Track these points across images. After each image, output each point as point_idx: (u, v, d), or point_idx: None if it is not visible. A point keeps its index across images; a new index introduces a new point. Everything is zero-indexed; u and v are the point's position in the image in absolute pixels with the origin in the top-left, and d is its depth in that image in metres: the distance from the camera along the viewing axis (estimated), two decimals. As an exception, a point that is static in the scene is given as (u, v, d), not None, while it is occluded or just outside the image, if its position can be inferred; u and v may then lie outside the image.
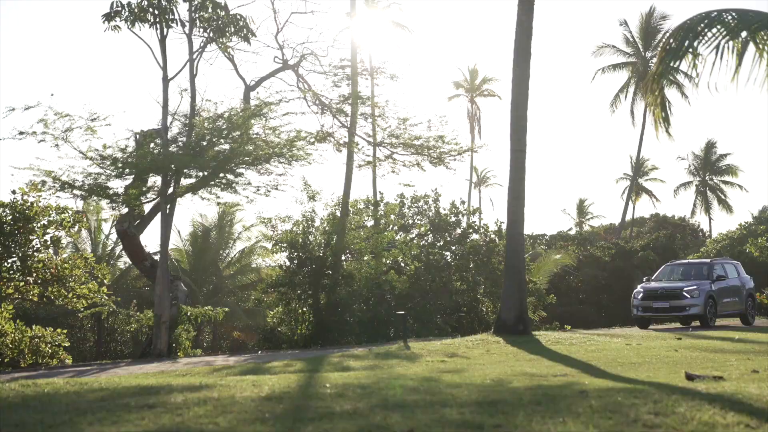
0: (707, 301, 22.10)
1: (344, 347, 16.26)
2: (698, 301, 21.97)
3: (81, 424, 5.98)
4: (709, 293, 22.32)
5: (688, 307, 21.95)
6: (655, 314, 22.72)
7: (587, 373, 10.29)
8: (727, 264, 24.74)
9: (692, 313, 22.12)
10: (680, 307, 22.06)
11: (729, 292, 23.28)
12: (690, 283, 22.55)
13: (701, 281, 22.72)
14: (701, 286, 22.34)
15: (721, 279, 23.03)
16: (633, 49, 52.36)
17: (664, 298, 22.29)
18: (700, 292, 22.11)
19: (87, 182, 16.79)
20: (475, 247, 28.44)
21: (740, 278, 24.39)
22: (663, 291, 22.55)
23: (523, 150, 16.36)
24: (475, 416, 6.19)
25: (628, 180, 61.39)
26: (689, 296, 22.04)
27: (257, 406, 6.83)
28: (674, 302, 22.10)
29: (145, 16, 16.40)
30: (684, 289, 22.22)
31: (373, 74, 23.25)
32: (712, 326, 21.81)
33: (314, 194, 21.14)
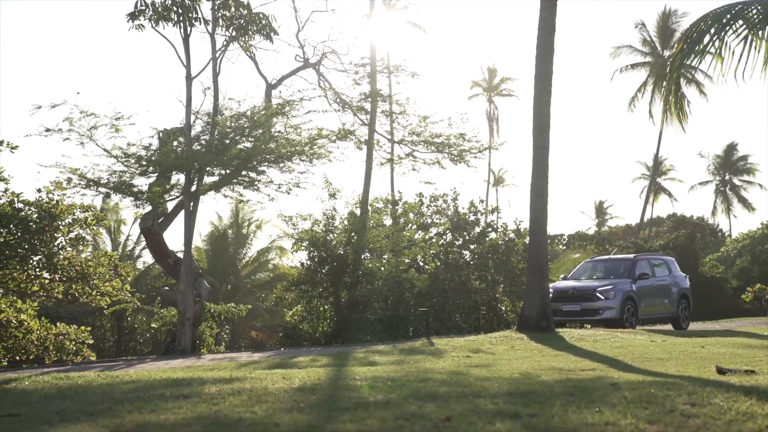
0: (624, 303, 19.21)
1: (366, 344, 16.29)
2: (613, 303, 19.12)
3: (120, 412, 6.05)
4: (628, 294, 19.38)
5: (602, 309, 19.13)
6: (564, 318, 19.61)
7: (615, 367, 10.28)
8: (656, 260, 21.76)
9: (606, 317, 19.17)
10: (592, 309, 19.26)
11: (655, 293, 20.33)
12: (605, 283, 19.73)
13: (620, 280, 19.89)
14: (618, 286, 19.49)
15: (644, 278, 20.09)
16: (650, 49, 52.14)
17: (575, 299, 19.49)
18: (616, 293, 19.26)
19: (112, 180, 16.90)
20: (494, 246, 28.42)
21: (672, 277, 21.44)
22: (574, 291, 19.66)
23: (546, 147, 16.33)
24: (510, 406, 6.22)
25: (646, 180, 61.16)
26: (603, 297, 19.21)
27: (291, 396, 6.89)
28: (586, 304, 19.29)
29: (169, 14, 16.49)
30: (597, 289, 19.38)
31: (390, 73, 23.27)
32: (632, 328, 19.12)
33: (335, 192, 21.21)
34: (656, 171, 58.08)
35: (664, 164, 61.02)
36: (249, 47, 18.60)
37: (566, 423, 5.52)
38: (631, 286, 19.63)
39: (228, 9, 17.23)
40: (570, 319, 19.78)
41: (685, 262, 41.69)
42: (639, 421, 5.53)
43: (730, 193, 63.01)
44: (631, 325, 19.24)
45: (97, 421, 5.61)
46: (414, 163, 21.43)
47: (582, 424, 5.44)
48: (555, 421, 5.57)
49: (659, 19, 51.53)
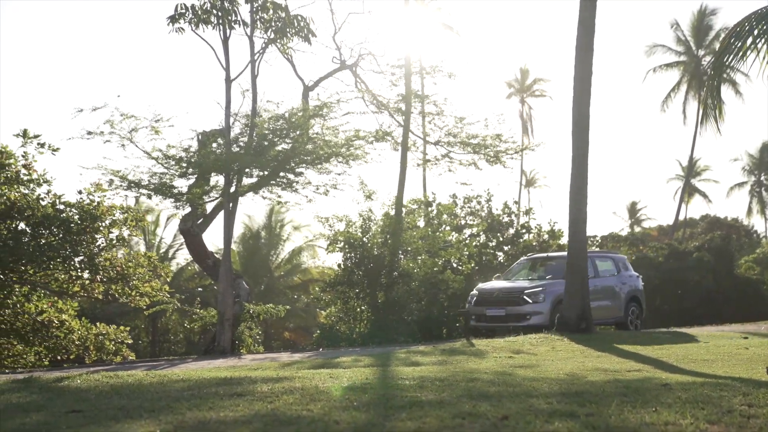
0: (556, 306, 16.89)
1: (403, 345, 16.31)
2: (542, 307, 16.89)
3: (180, 409, 6.14)
4: (560, 297, 16.98)
5: (529, 314, 16.89)
6: (489, 324, 17.38)
7: (661, 368, 10.23)
8: (601, 259, 19.35)
9: (534, 322, 16.82)
10: (519, 314, 17.01)
11: (596, 295, 17.83)
12: (535, 284, 17.55)
13: (553, 281, 17.66)
14: (549, 288, 17.21)
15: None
16: (684, 48, 51.67)
17: (501, 303, 17.29)
18: (547, 296, 17.00)
19: (152, 181, 17.10)
20: (529, 248, 28.36)
21: (620, 277, 19.11)
22: (500, 294, 17.47)
23: (586, 148, 16.28)
24: (564, 406, 6.23)
25: (680, 181, 60.62)
26: (530, 300, 16.98)
27: (342, 395, 6.94)
28: (512, 308, 17.09)
29: (209, 18, 16.63)
30: (524, 291, 17.15)
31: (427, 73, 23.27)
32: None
33: (371, 193, 21.26)
34: (690, 172, 57.54)
35: (698, 164, 60.49)
36: (287, 49, 18.71)
37: (624, 422, 5.53)
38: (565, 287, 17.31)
39: (266, 11, 17.35)
40: (494, 325, 17.30)
41: (721, 263, 41.26)
42: (698, 421, 5.52)
43: (765, 193, 62.23)
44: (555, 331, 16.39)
45: (159, 418, 5.71)
46: (450, 164, 21.43)
47: (641, 424, 5.44)
48: (613, 421, 5.57)
49: (694, 18, 51.08)
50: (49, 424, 5.56)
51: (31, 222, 17.36)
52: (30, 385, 8.46)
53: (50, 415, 6.00)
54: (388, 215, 21.33)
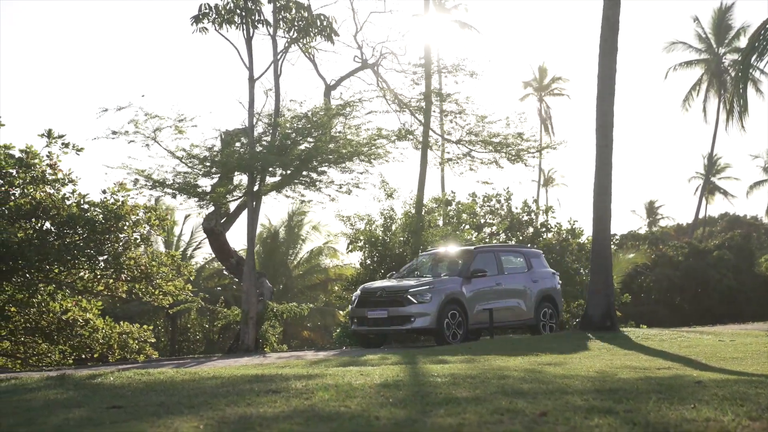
0: (444, 307, 15.17)
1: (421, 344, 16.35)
2: (428, 308, 15.03)
3: (219, 404, 6.19)
4: (452, 296, 15.35)
5: (413, 316, 15.01)
6: (371, 328, 15.66)
7: (690, 366, 10.21)
8: (508, 254, 17.51)
9: (418, 325, 15.07)
10: (402, 316, 15.14)
11: (499, 295, 16.36)
12: (421, 282, 15.63)
13: (444, 278, 16.03)
14: (439, 286, 15.44)
15: (479, 275, 16.00)
16: (705, 46, 51.43)
17: (383, 304, 15.41)
18: (434, 295, 15.16)
19: (177, 181, 17.20)
20: (549, 246, 28.29)
21: (530, 274, 17.25)
22: (383, 294, 15.59)
23: (610, 146, 16.25)
24: (600, 402, 6.23)
25: (700, 179, 60.31)
26: (415, 301, 15.09)
27: (377, 392, 6.97)
28: (395, 310, 15.20)
29: (232, 17, 16.71)
30: (409, 290, 15.26)
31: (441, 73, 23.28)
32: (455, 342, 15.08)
33: (392, 192, 21.30)
34: (710, 170, 57.25)
35: (719, 163, 60.17)
36: (309, 49, 18.77)
37: (663, 418, 5.52)
38: (460, 286, 15.68)
39: (289, 11, 17.41)
40: (376, 329, 15.63)
41: (742, 261, 41.09)
42: (740, 417, 5.51)
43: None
44: (454, 337, 15.25)
45: (200, 414, 5.75)
46: (471, 163, 21.44)
47: (681, 420, 5.44)
48: (652, 417, 5.57)
49: (714, 16, 50.83)
50: (91, 419, 5.62)
51: (57, 221, 17.48)
52: (64, 382, 8.54)
53: (91, 411, 6.06)
54: (407, 214, 21.35)
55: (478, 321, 15.85)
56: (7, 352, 18.84)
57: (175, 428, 5.17)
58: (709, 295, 39.95)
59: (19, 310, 18.05)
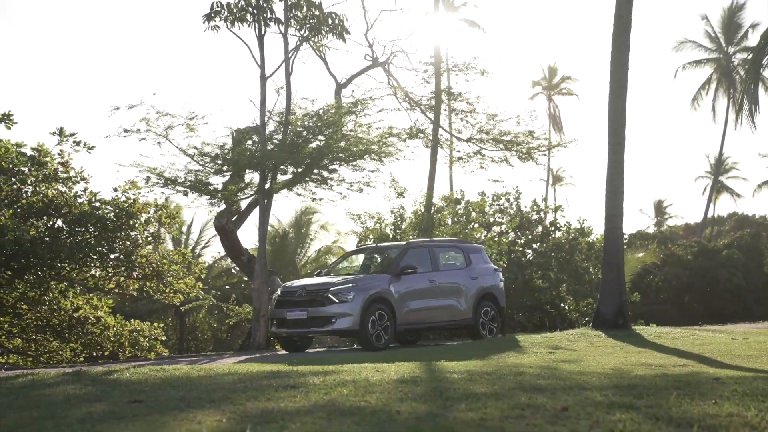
0: (369, 307, 13.93)
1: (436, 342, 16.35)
2: (350, 308, 13.82)
3: (239, 399, 6.20)
4: (377, 295, 14.13)
5: (334, 317, 13.81)
6: (291, 330, 14.35)
7: (705, 363, 10.19)
8: (444, 249, 16.14)
9: (339, 327, 13.87)
10: (323, 317, 13.92)
11: (432, 293, 15.12)
12: (343, 280, 14.43)
13: (369, 276, 14.96)
14: (364, 284, 14.25)
15: (410, 272, 14.66)
16: (715, 45, 51.32)
17: (303, 304, 14.16)
18: (357, 294, 13.95)
19: (188, 179, 17.23)
20: (558, 245, 28.25)
21: (469, 271, 15.83)
22: (302, 293, 14.38)
23: (622, 144, 16.24)
24: (621, 398, 6.22)
25: (708, 178, 60.17)
26: (336, 300, 13.91)
27: (395, 387, 6.98)
28: (315, 310, 13.96)
29: (244, 15, 16.73)
30: (330, 289, 14.06)
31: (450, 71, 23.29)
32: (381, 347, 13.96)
33: (402, 191, 21.29)
34: (719, 169, 57.13)
35: (727, 162, 60.02)
36: (320, 47, 18.78)
37: (686, 413, 5.51)
38: (387, 284, 14.41)
39: (300, 9, 17.42)
40: (296, 331, 14.35)
41: (751, 261, 40.99)
42: (763, 412, 5.50)
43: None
44: (379, 339, 14.00)
45: (221, 408, 5.77)
46: (482, 161, 21.43)
47: (704, 415, 5.43)
48: (674, 412, 5.56)
49: (724, 15, 50.70)
50: (114, 413, 5.64)
51: (68, 219, 17.55)
52: (81, 377, 8.56)
53: (113, 405, 6.08)
54: (417, 213, 21.34)
55: (409, 321, 14.65)
56: (18, 349, 18.93)
57: (198, 421, 5.18)
58: (718, 294, 39.88)
59: (31, 307, 18.14)
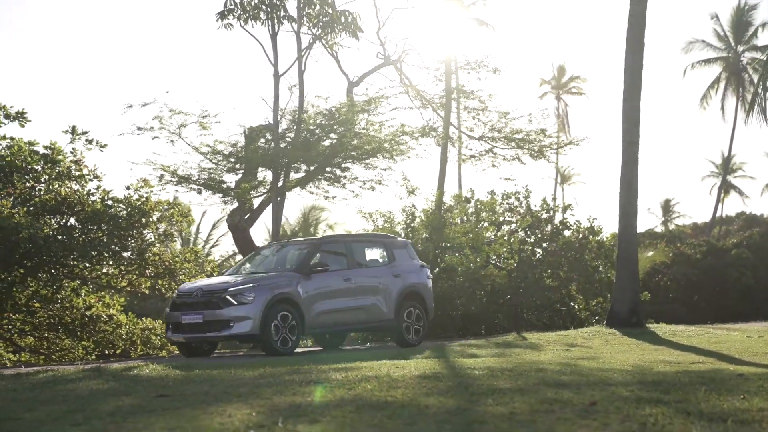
0: (271, 310, 12.56)
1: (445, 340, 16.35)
2: (250, 310, 12.47)
3: (265, 394, 6.20)
4: (281, 296, 12.80)
5: (232, 321, 12.46)
6: (186, 335, 12.98)
7: (724, 361, 10.16)
8: (366, 245, 14.82)
9: (237, 331, 12.52)
10: (219, 321, 12.56)
11: (348, 293, 13.80)
12: (244, 279, 13.12)
13: (278, 274, 13.46)
14: (266, 283, 12.88)
15: (321, 270, 13.34)
16: (724, 44, 51.20)
17: (199, 306, 12.81)
18: (258, 294, 12.60)
19: (201, 177, 17.26)
20: (568, 244, 28.20)
21: (390, 268, 14.51)
22: (199, 294, 13.00)
23: (636, 142, 16.23)
24: (647, 393, 6.21)
25: (715, 178, 60.05)
26: (235, 302, 12.54)
27: (418, 383, 6.97)
28: (211, 313, 12.62)
29: (258, 13, 16.75)
30: (228, 289, 12.73)
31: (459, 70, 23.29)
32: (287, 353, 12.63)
33: (414, 189, 21.29)
34: (727, 169, 57.03)
35: (734, 161, 59.91)
36: (332, 45, 18.79)
37: (716, 408, 5.49)
38: (294, 283, 13.08)
39: (313, 7, 17.43)
40: (192, 336, 12.95)
41: (761, 260, 40.87)
42: (793, 407, 5.48)
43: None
44: (285, 343, 12.70)
45: (248, 402, 5.77)
46: (494, 159, 21.42)
47: (735, 410, 5.41)
48: (704, 407, 5.54)
49: (733, 13, 50.60)
50: (142, 407, 5.64)
51: (81, 217, 17.57)
52: (101, 374, 8.57)
53: (140, 399, 6.09)
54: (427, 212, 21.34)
55: (320, 324, 13.39)
56: (30, 347, 18.96)
57: (229, 414, 5.18)
58: (727, 293, 39.80)
59: (43, 305, 18.17)
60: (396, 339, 14.64)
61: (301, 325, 12.94)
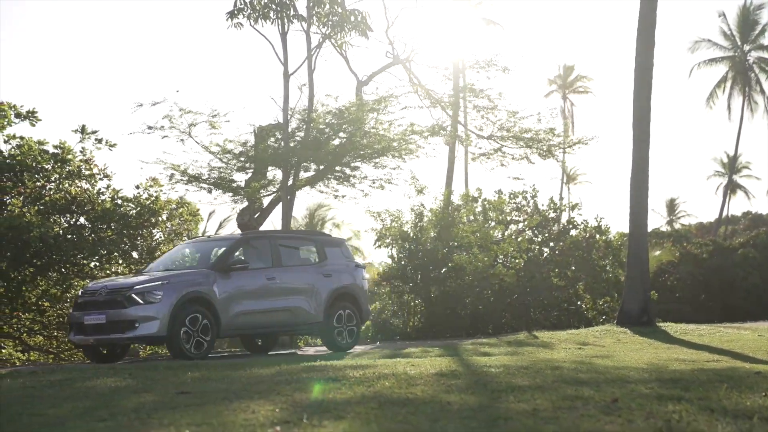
0: (180, 310, 11.76)
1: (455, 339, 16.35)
2: (156, 310, 11.65)
3: (285, 391, 6.21)
4: (194, 295, 12.01)
5: (137, 321, 11.63)
6: (89, 337, 12.04)
7: (739, 359, 10.16)
8: (294, 243, 14.12)
9: (143, 333, 11.67)
10: (124, 322, 11.69)
11: (272, 293, 12.97)
12: (152, 277, 12.28)
13: (191, 272, 12.71)
14: (176, 282, 12.07)
15: (239, 268, 12.53)
16: (730, 43, 51.14)
17: (103, 306, 11.92)
18: (166, 294, 11.78)
19: (212, 176, 17.29)
20: (575, 243, 28.18)
21: (320, 267, 13.70)
22: (103, 293, 12.09)
23: (647, 140, 16.21)
24: (667, 391, 6.20)
25: (720, 177, 59.99)
26: (141, 301, 11.73)
27: (437, 380, 6.97)
28: (115, 313, 11.75)
29: (267, 12, 16.76)
30: (134, 288, 11.89)
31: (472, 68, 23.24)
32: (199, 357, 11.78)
33: (422, 188, 21.28)
34: (733, 168, 56.94)
35: (740, 161, 59.80)
36: (342, 44, 18.79)
37: (739, 405, 5.48)
38: (209, 281, 12.28)
39: (322, 6, 17.44)
40: (95, 338, 12.03)
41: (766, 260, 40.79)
42: (817, 404, 5.47)
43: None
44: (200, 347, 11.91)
45: (270, 398, 5.77)
46: (503, 159, 21.42)
47: (759, 407, 5.39)
48: (727, 404, 5.53)
49: (740, 13, 50.54)
50: (165, 403, 5.65)
51: (91, 216, 17.61)
52: (118, 372, 8.59)
53: (161, 396, 6.10)
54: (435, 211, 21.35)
55: (238, 327, 12.63)
56: (39, 347, 19.00)
57: (252, 411, 5.19)
58: (734, 293, 39.76)
59: (53, 304, 18.20)
60: (326, 342, 13.84)
61: (216, 327, 12.08)
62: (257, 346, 14.71)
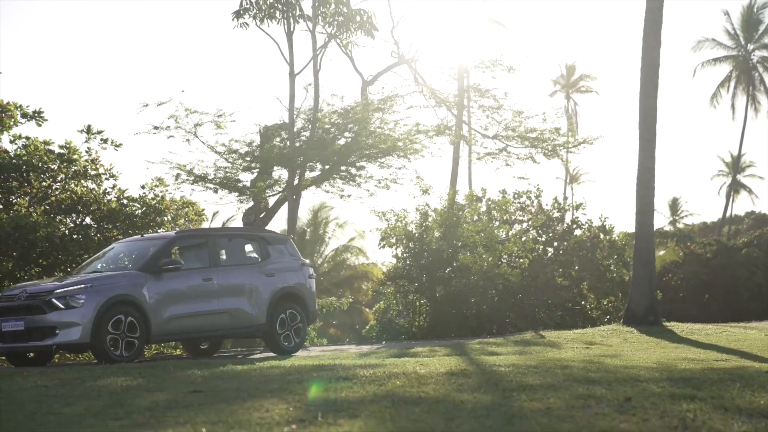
0: (106, 314, 11.08)
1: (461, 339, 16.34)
2: (78, 315, 10.98)
3: (298, 390, 6.23)
4: (121, 298, 11.34)
5: (58, 328, 10.96)
6: (8, 345, 11.33)
7: (747, 358, 10.16)
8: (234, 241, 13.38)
9: (64, 339, 11.00)
10: (44, 329, 11.03)
11: (208, 295, 12.25)
12: (75, 280, 11.56)
13: (117, 274, 11.92)
14: (101, 285, 11.36)
15: (171, 268, 11.84)
16: (734, 42, 51.12)
17: (22, 311, 11.21)
18: (89, 298, 11.10)
19: (217, 176, 17.30)
20: (580, 243, 28.16)
21: (264, 267, 13.01)
22: (22, 297, 11.33)
23: (653, 140, 16.19)
24: (680, 390, 6.19)
25: (724, 177, 59.92)
26: (62, 306, 11.02)
27: (447, 379, 6.97)
28: (34, 320, 11.07)
29: (273, 12, 16.78)
30: (54, 292, 11.16)
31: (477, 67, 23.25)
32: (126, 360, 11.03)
33: (427, 188, 21.26)
34: (737, 168, 56.88)
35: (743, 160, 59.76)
36: (347, 44, 18.80)
37: (753, 404, 5.48)
38: (138, 283, 11.60)
39: (328, 6, 17.45)
40: (13, 346, 11.34)
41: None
42: (831, 402, 5.47)
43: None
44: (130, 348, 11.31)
45: (282, 397, 5.78)
46: (508, 158, 21.42)
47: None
48: (740, 403, 5.53)
49: (743, 12, 50.51)
50: (177, 402, 5.66)
51: (97, 216, 17.64)
52: (127, 371, 8.59)
53: (173, 395, 6.11)
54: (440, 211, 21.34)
55: (171, 331, 11.92)
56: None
57: (266, 409, 5.20)
58: (738, 292, 39.76)
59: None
60: (269, 345, 13.18)
61: (146, 331, 11.44)
62: (201, 350, 14.01)
